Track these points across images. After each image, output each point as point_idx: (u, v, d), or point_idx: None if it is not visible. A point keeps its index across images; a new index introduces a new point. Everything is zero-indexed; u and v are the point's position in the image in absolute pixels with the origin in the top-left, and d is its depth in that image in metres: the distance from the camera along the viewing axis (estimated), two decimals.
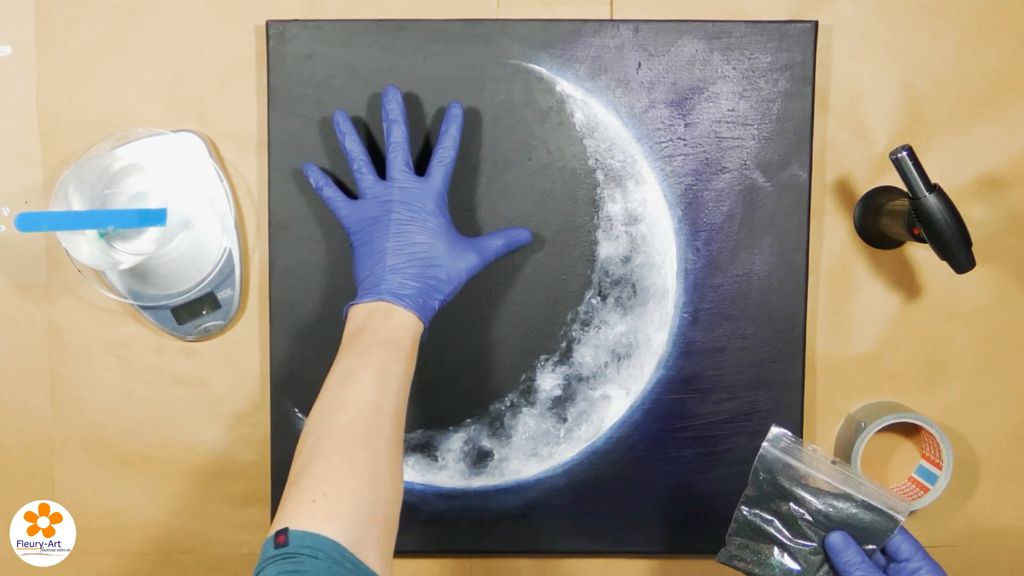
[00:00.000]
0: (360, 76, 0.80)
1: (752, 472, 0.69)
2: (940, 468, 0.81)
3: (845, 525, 0.67)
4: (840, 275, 0.83)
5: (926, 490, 0.81)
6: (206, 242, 0.81)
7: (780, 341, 0.81)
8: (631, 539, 0.83)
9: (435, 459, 0.82)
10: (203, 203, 0.80)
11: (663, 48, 0.80)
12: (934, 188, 0.72)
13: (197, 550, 0.84)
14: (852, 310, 0.83)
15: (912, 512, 0.84)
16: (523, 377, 0.82)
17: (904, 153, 0.71)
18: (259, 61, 0.81)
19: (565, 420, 0.82)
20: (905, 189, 0.72)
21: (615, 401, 0.82)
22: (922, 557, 0.67)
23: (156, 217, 0.77)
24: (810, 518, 0.68)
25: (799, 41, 0.80)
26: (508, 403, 0.82)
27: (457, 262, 0.73)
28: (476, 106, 0.80)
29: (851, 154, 0.82)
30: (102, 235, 0.78)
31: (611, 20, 0.80)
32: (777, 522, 0.69)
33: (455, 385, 0.82)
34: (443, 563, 0.85)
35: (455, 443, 0.82)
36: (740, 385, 0.82)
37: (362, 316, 0.69)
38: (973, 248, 0.73)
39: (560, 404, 0.82)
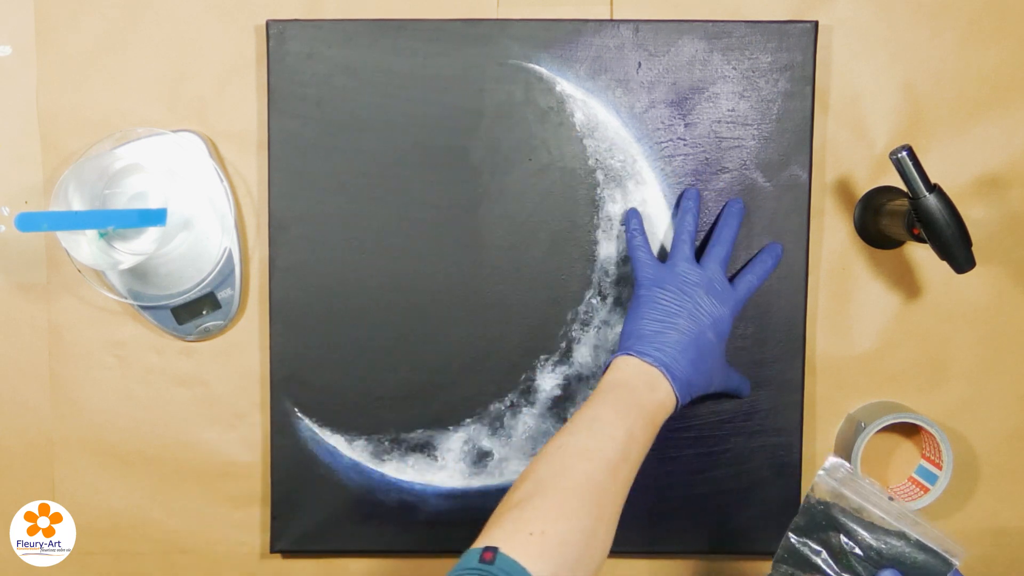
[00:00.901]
0: (360, 76, 0.80)
1: (804, 500, 0.69)
2: (940, 468, 0.81)
3: (897, 563, 0.66)
4: (840, 275, 0.83)
5: (926, 490, 0.81)
6: (206, 242, 0.81)
7: (780, 341, 0.81)
8: (630, 539, 0.83)
9: (435, 459, 0.82)
10: (203, 203, 0.80)
11: (663, 48, 0.80)
12: (934, 188, 0.72)
13: (197, 550, 0.84)
14: (852, 310, 0.83)
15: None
16: (523, 377, 0.82)
17: (904, 153, 0.71)
18: (259, 61, 0.81)
19: (565, 420, 0.82)
20: (905, 189, 0.72)
21: None
22: None
23: (156, 217, 0.77)
24: (860, 552, 0.67)
25: (799, 41, 0.80)
26: (508, 403, 0.82)
27: (727, 376, 0.76)
28: (476, 106, 0.80)
29: (851, 154, 0.82)
30: (102, 235, 0.78)
31: (611, 20, 0.80)
32: (825, 554, 0.68)
33: (455, 385, 0.82)
34: (443, 563, 0.85)
35: (455, 443, 0.82)
36: None
37: (631, 372, 0.70)
38: (973, 248, 0.73)
39: (560, 404, 0.82)
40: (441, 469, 0.82)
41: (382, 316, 0.81)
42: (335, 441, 0.82)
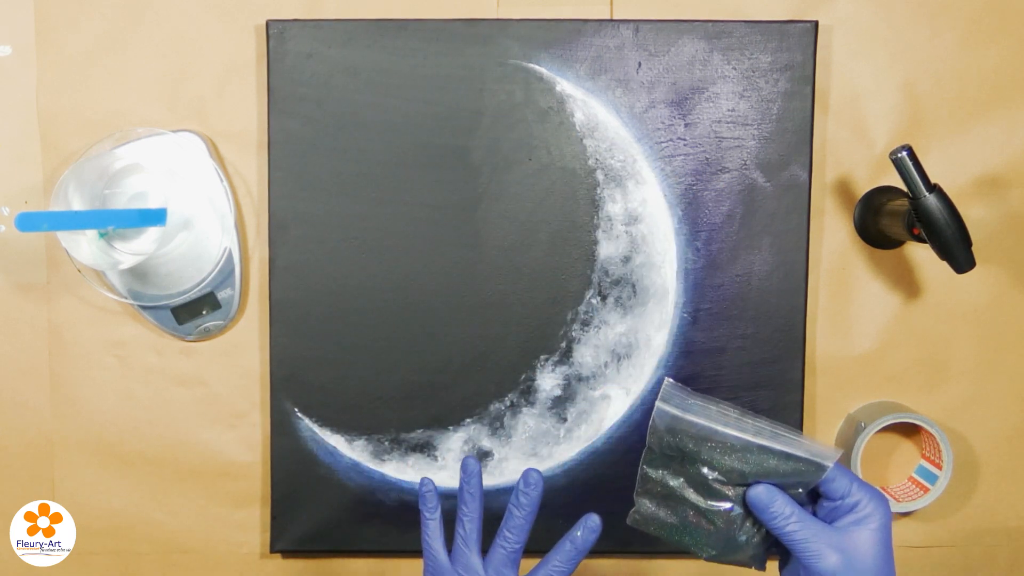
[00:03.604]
0: (360, 76, 0.80)
1: (649, 431, 0.61)
2: (940, 468, 0.81)
3: (765, 478, 0.59)
4: (840, 275, 0.83)
5: (926, 490, 0.81)
6: (206, 242, 0.81)
7: (780, 341, 0.81)
8: (631, 539, 0.83)
9: (435, 459, 0.82)
10: (203, 203, 0.80)
11: (663, 48, 0.80)
12: (934, 188, 0.72)
13: (197, 550, 0.84)
14: (852, 310, 0.83)
15: (912, 512, 0.84)
16: (523, 377, 0.82)
17: (904, 153, 0.71)
18: (259, 61, 0.81)
19: (565, 420, 0.82)
20: (905, 189, 0.72)
21: (615, 401, 0.82)
22: (859, 487, 0.59)
23: (156, 217, 0.77)
24: (723, 477, 0.60)
25: (799, 41, 0.80)
26: (508, 403, 0.82)
27: None
28: (476, 106, 0.80)
29: (851, 154, 0.82)
30: (102, 235, 0.78)
31: (611, 20, 0.80)
32: (686, 483, 0.61)
33: (455, 385, 0.82)
34: None
35: (455, 443, 0.82)
36: (740, 385, 0.82)
37: None
38: (973, 248, 0.73)
39: (560, 404, 0.82)
40: (441, 469, 0.82)
41: (382, 316, 0.81)
42: (335, 441, 0.82)
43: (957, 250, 0.72)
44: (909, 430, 0.84)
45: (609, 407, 0.82)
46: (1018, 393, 0.84)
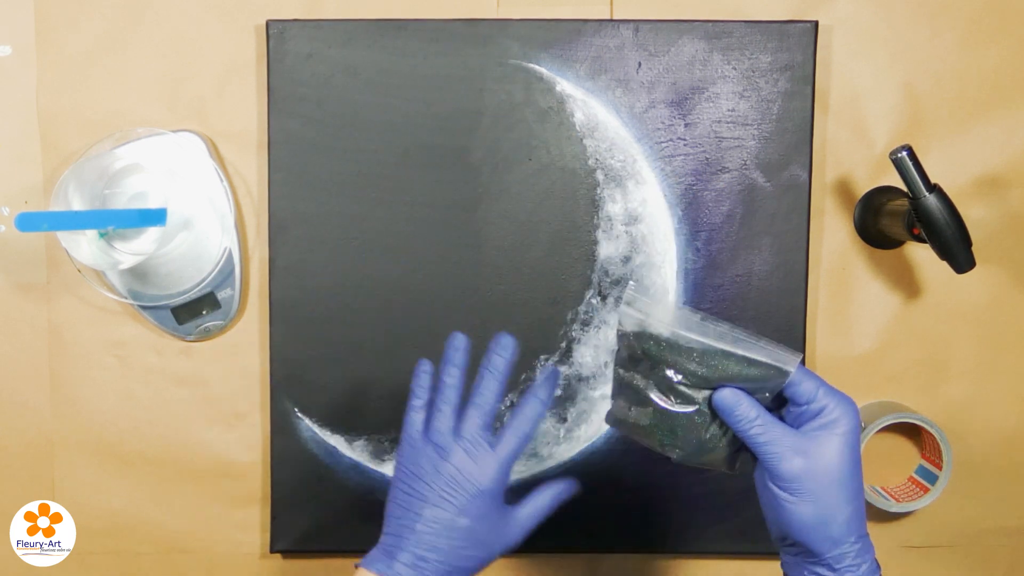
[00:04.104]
0: (360, 76, 0.80)
1: (617, 334, 0.62)
2: (940, 468, 0.81)
3: (730, 382, 0.59)
4: (840, 275, 0.83)
5: (926, 490, 0.81)
6: (206, 242, 0.81)
7: (780, 341, 0.81)
8: (631, 539, 0.83)
9: None
10: (203, 203, 0.80)
11: (663, 48, 0.80)
12: (934, 188, 0.72)
13: (197, 550, 0.84)
14: (852, 310, 0.83)
15: (912, 512, 0.84)
16: (523, 377, 0.82)
17: (904, 153, 0.71)
18: (259, 61, 0.81)
19: (565, 420, 0.82)
20: (905, 189, 0.72)
21: None
22: (825, 392, 0.58)
23: (156, 217, 0.77)
24: (688, 381, 0.59)
25: (799, 41, 0.80)
26: (508, 403, 0.82)
27: (494, 543, 0.64)
28: (476, 106, 0.80)
29: (851, 154, 0.82)
30: (102, 235, 0.78)
31: (611, 20, 0.80)
32: (654, 384, 0.60)
33: None
34: None
35: None
36: None
37: None
38: (973, 248, 0.73)
39: (560, 404, 0.82)
40: None
41: (382, 316, 0.81)
42: (335, 441, 0.82)
43: (957, 250, 0.72)
44: (909, 430, 0.84)
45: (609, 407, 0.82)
46: (1018, 393, 0.84)
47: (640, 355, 0.61)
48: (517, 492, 0.82)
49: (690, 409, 0.60)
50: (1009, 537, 0.85)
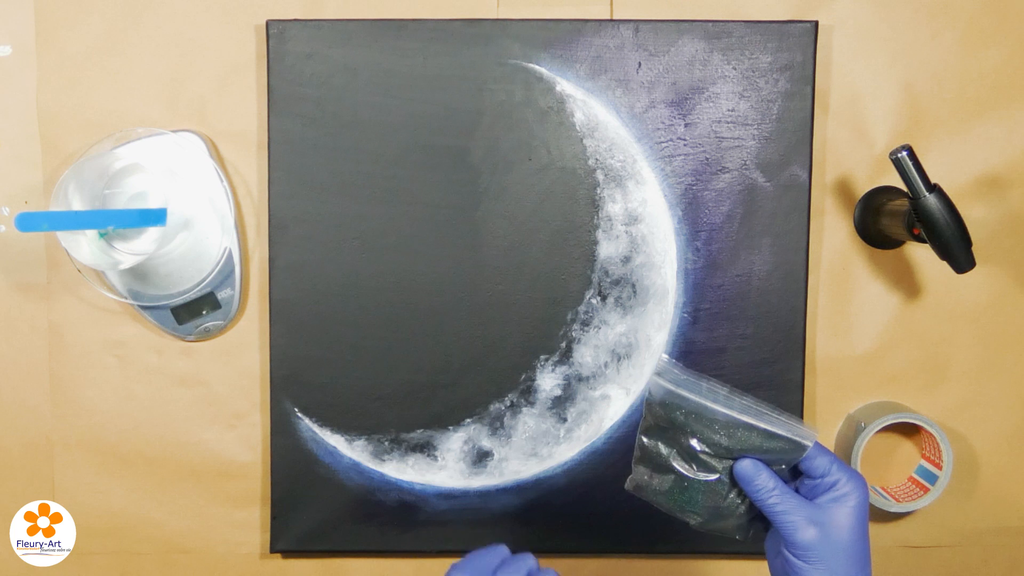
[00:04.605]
0: (360, 76, 0.80)
1: (645, 403, 0.65)
2: (940, 468, 0.81)
3: (750, 453, 0.62)
4: (840, 275, 0.83)
5: (926, 490, 0.81)
6: (206, 242, 0.81)
7: (780, 341, 0.81)
8: (631, 539, 0.83)
9: (435, 459, 0.82)
10: (203, 203, 0.80)
11: (663, 48, 0.80)
12: (934, 188, 0.72)
13: (197, 550, 0.84)
14: (852, 310, 0.83)
15: (912, 512, 0.84)
16: (523, 377, 0.82)
17: (904, 153, 0.71)
18: (259, 61, 0.81)
19: (565, 420, 0.82)
20: (905, 189, 0.72)
21: (615, 401, 0.82)
22: (839, 467, 0.61)
23: (156, 217, 0.77)
24: (711, 451, 0.62)
25: (799, 41, 0.80)
26: (508, 403, 0.82)
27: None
28: (476, 106, 0.80)
29: (851, 154, 0.82)
30: (102, 235, 0.78)
31: (611, 20, 0.80)
32: (677, 453, 0.63)
33: (455, 385, 0.82)
34: (443, 563, 0.85)
35: (455, 443, 0.82)
36: (740, 385, 0.81)
37: None
38: (973, 248, 0.73)
39: (560, 404, 0.82)
40: (441, 469, 0.82)
41: (382, 316, 0.81)
42: (335, 441, 0.82)
43: (957, 250, 0.72)
44: (909, 430, 0.84)
45: (609, 407, 0.82)
46: (1018, 393, 0.84)
47: (666, 424, 0.63)
48: (517, 492, 0.83)
49: (711, 477, 0.63)
50: (1009, 537, 0.85)
